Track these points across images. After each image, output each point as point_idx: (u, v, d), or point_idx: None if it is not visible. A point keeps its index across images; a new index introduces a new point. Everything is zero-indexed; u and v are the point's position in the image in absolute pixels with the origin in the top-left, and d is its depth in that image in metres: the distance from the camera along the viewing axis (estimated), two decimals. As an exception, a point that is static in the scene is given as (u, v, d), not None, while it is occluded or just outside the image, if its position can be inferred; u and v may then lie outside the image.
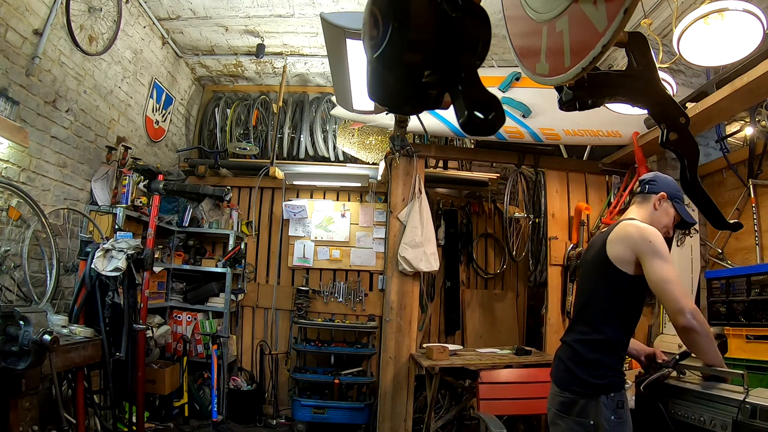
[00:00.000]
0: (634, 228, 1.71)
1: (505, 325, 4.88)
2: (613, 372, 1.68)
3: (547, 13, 1.00)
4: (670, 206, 1.85)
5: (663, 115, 1.07)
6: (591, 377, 1.67)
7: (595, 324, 1.74)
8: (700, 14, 2.09)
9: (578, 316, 1.85)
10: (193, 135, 5.56)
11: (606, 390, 1.64)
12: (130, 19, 4.03)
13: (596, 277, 1.80)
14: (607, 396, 1.63)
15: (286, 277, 4.92)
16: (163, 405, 4.00)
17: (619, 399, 1.64)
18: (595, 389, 1.64)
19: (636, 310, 1.77)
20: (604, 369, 1.67)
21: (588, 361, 1.70)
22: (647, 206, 1.87)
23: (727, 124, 3.71)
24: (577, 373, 1.70)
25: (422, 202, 3.84)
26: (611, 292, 1.73)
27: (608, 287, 1.73)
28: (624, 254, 1.69)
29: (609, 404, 1.61)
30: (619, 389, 1.66)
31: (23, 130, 2.92)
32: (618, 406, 1.62)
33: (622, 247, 1.70)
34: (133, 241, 3.07)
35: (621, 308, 1.73)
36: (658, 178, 1.91)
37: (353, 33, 1.89)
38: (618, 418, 1.61)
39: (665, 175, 1.94)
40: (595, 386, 1.65)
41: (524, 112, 3.61)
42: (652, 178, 1.92)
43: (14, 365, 2.01)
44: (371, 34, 0.79)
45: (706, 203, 1.14)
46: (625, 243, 1.70)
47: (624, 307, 1.73)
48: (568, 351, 1.79)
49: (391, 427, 3.66)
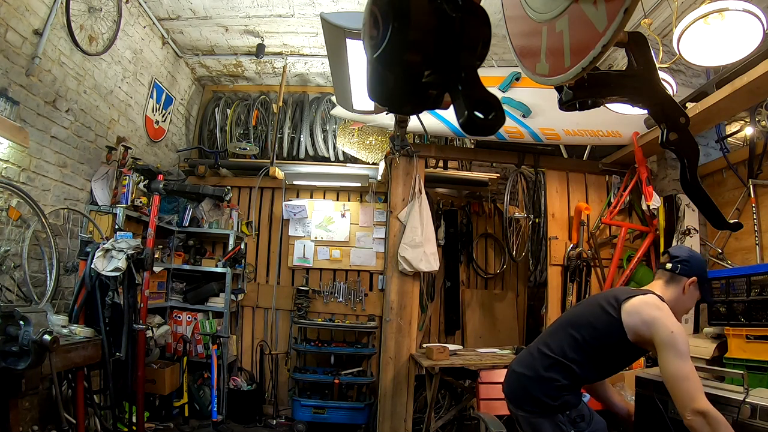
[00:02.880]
0: (662, 313, 1.64)
1: (505, 325, 4.88)
2: (567, 392, 1.71)
3: (547, 13, 1.00)
4: (696, 289, 1.82)
5: (663, 115, 1.07)
6: (545, 396, 1.70)
7: (568, 351, 1.76)
8: (700, 14, 2.09)
9: (554, 333, 1.87)
10: (193, 135, 5.56)
11: (561, 409, 1.68)
12: (130, 19, 4.03)
13: (593, 325, 1.77)
14: (563, 414, 1.68)
15: (286, 277, 4.92)
16: (163, 405, 4.00)
17: (576, 414, 1.68)
18: (551, 410, 1.69)
19: (616, 367, 1.78)
20: (560, 391, 1.71)
21: (543, 379, 1.73)
22: (676, 288, 1.81)
23: (727, 124, 3.71)
24: (531, 390, 1.74)
25: (422, 202, 3.84)
26: (602, 342, 1.73)
27: (601, 338, 1.73)
28: (639, 329, 1.65)
29: (565, 420, 1.67)
30: (576, 405, 1.70)
31: (23, 130, 2.92)
32: (576, 420, 1.67)
33: (642, 323, 1.65)
34: (133, 241, 3.07)
35: (603, 359, 1.74)
36: (692, 260, 1.82)
37: (353, 33, 1.89)
38: (578, 430, 1.67)
39: (697, 253, 1.89)
40: (551, 407, 1.69)
41: (524, 112, 3.61)
42: (687, 258, 1.83)
43: (14, 365, 2.01)
44: (371, 34, 0.79)
45: (706, 203, 1.14)
46: (647, 322, 1.64)
47: (606, 361, 1.75)
48: (527, 359, 1.84)
49: (391, 427, 3.66)
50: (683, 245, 1.98)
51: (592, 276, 3.89)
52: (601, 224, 3.89)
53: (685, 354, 1.56)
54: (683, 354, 1.56)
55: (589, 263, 3.87)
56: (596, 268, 3.91)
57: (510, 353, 3.62)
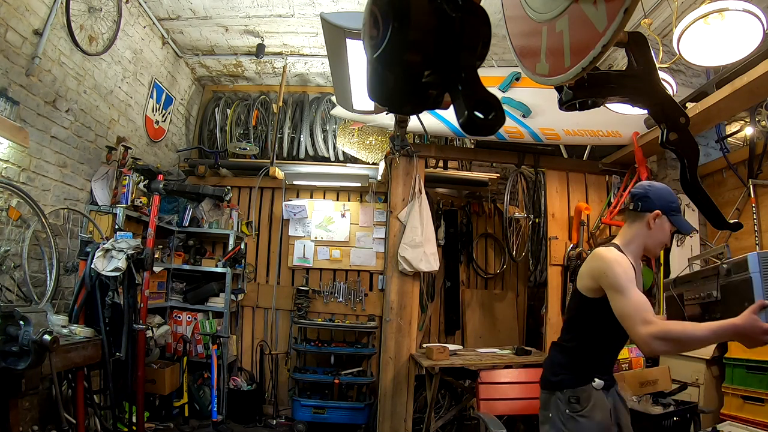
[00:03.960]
0: (595, 263, 1.74)
1: (505, 325, 4.88)
2: (566, 371, 1.83)
3: (547, 13, 1.00)
4: (665, 221, 1.80)
5: (663, 115, 1.07)
6: (549, 375, 1.88)
7: (563, 332, 1.95)
8: (700, 14, 2.09)
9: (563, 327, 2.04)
10: (193, 135, 5.56)
11: (559, 386, 1.80)
12: (130, 19, 4.03)
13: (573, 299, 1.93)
14: (561, 392, 1.78)
15: (286, 277, 4.92)
16: (163, 405, 4.00)
17: (572, 395, 1.76)
18: (551, 386, 1.84)
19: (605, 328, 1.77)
20: (558, 368, 1.85)
21: (551, 363, 1.92)
22: (640, 226, 1.81)
23: (727, 124, 3.72)
24: (544, 373, 1.93)
25: (422, 202, 3.84)
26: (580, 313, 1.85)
27: (578, 309, 1.86)
28: (589, 284, 1.76)
29: (563, 398, 1.77)
30: (572, 386, 1.78)
31: (23, 130, 2.92)
32: (571, 401, 1.75)
33: (588, 278, 1.77)
34: (133, 241, 3.07)
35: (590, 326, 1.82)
36: (650, 193, 1.80)
37: (353, 33, 1.89)
38: (572, 411, 1.74)
39: (657, 184, 1.86)
40: (551, 383, 1.85)
41: (524, 112, 3.61)
42: (644, 193, 1.81)
43: (14, 365, 2.01)
44: (371, 34, 0.79)
45: (706, 203, 1.14)
46: (590, 275, 1.76)
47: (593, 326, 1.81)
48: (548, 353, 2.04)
49: (391, 427, 3.66)
50: (643, 182, 1.99)
51: (592, 276, 3.89)
52: (601, 224, 3.89)
53: (621, 287, 1.59)
54: (620, 288, 1.59)
55: (589, 263, 3.87)
56: (596, 268, 3.91)
57: (510, 353, 3.62)
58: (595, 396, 1.75)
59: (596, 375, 1.78)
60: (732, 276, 1.51)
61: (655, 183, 1.87)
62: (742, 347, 2.63)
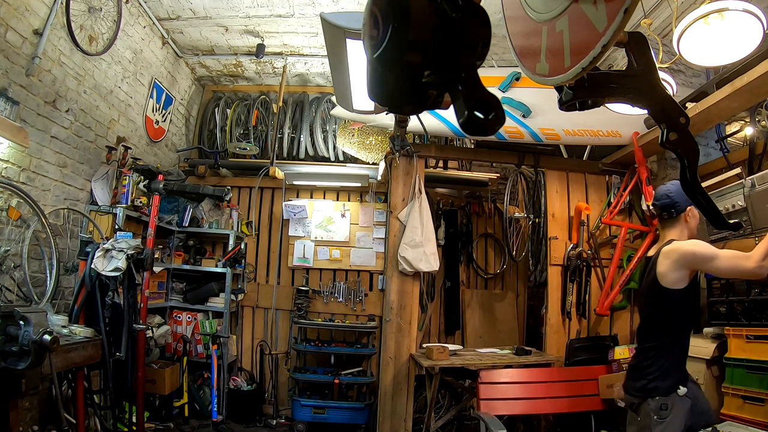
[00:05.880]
0: (679, 252, 1.96)
1: (505, 325, 4.88)
2: (657, 378, 1.95)
3: (547, 13, 1.00)
4: (695, 209, 2.08)
5: (663, 115, 1.07)
6: (642, 382, 1.99)
7: (648, 335, 2.06)
8: (700, 14, 2.09)
9: (638, 334, 2.18)
10: (193, 135, 5.56)
11: (652, 393, 1.93)
12: (130, 19, 4.03)
13: (653, 302, 2.08)
14: (653, 399, 1.92)
15: (286, 277, 4.92)
16: (163, 405, 4.00)
17: (663, 402, 1.91)
18: (645, 392, 1.96)
19: (686, 320, 2.01)
20: (650, 374, 1.97)
21: (639, 368, 2.03)
22: (680, 224, 2.09)
23: (727, 124, 3.72)
24: (632, 379, 2.07)
25: (422, 202, 3.84)
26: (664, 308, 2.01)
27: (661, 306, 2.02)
28: (677, 275, 1.94)
29: (654, 405, 1.91)
30: (663, 394, 1.92)
31: (23, 130, 2.92)
32: (661, 408, 1.90)
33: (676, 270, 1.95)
34: (133, 241, 3.07)
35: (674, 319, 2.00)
36: (675, 197, 2.06)
37: (353, 33, 1.89)
38: (660, 418, 1.89)
39: (672, 186, 2.11)
40: (645, 390, 1.97)
41: (524, 112, 3.61)
42: (670, 201, 2.08)
43: (14, 365, 2.01)
44: (371, 34, 0.79)
45: (706, 203, 1.14)
46: (677, 265, 1.95)
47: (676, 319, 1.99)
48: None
49: (391, 427, 3.66)
50: (659, 187, 2.22)
51: (592, 276, 3.89)
52: (601, 224, 3.89)
53: (713, 253, 1.89)
54: (713, 254, 1.89)
55: (589, 263, 3.87)
56: (596, 268, 3.91)
57: (510, 353, 3.62)
58: (679, 403, 1.91)
59: (681, 378, 1.95)
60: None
61: (668, 185, 2.14)
62: (742, 347, 2.63)
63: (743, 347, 2.62)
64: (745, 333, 2.62)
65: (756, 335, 2.57)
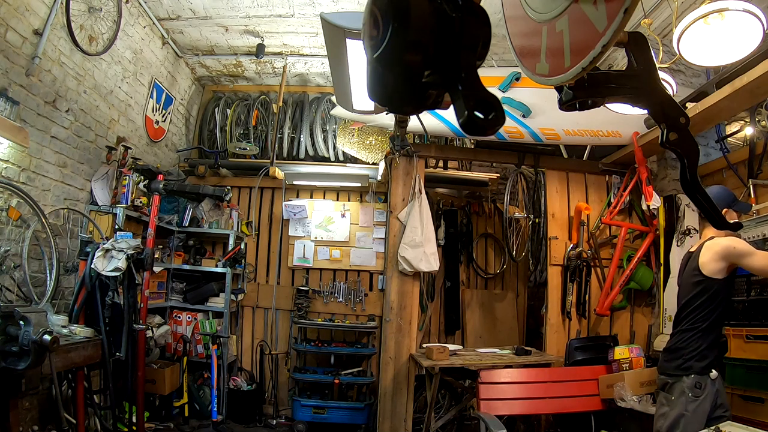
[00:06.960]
0: (721, 246, 2.16)
1: (505, 325, 4.88)
2: (694, 358, 2.10)
3: (547, 13, 1.00)
4: (731, 212, 2.31)
5: (663, 115, 1.07)
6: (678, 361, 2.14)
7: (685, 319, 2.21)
8: (700, 14, 2.09)
9: (676, 319, 2.31)
10: (193, 135, 5.56)
11: (687, 371, 2.09)
12: (130, 19, 4.03)
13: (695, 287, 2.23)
14: (689, 377, 2.07)
15: (286, 277, 4.92)
16: (163, 405, 4.00)
17: (698, 381, 2.05)
18: (681, 370, 2.11)
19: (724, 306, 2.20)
20: (687, 353, 2.12)
21: (676, 349, 2.19)
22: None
23: (727, 124, 3.71)
24: (667, 359, 2.22)
25: (422, 202, 3.84)
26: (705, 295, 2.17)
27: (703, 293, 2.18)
28: (719, 266, 2.14)
29: (689, 383, 2.06)
30: (699, 373, 2.06)
31: (23, 130, 2.92)
32: (696, 386, 2.04)
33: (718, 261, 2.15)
34: (133, 241, 3.07)
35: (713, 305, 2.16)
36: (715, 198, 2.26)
37: (353, 33, 1.89)
38: (695, 396, 2.03)
39: (713, 190, 2.31)
40: (681, 368, 2.12)
41: (524, 112, 3.61)
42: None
43: (14, 365, 2.01)
44: (371, 34, 0.79)
45: (706, 203, 1.14)
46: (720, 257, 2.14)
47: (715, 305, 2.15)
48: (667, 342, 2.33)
49: (391, 427, 3.66)
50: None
51: (592, 276, 3.89)
52: (601, 224, 3.89)
53: (751, 250, 2.09)
54: (751, 251, 2.09)
55: (589, 263, 3.87)
56: (596, 268, 3.91)
57: (510, 353, 3.62)
58: (710, 385, 2.06)
59: (714, 363, 2.10)
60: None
61: (711, 189, 2.31)
62: (742, 347, 2.64)
63: (743, 347, 2.62)
64: (745, 333, 2.62)
65: (756, 335, 2.57)
